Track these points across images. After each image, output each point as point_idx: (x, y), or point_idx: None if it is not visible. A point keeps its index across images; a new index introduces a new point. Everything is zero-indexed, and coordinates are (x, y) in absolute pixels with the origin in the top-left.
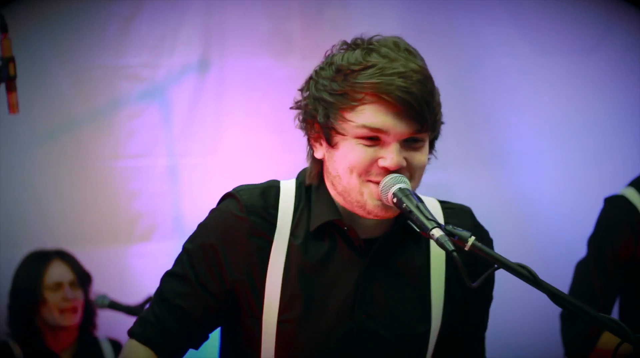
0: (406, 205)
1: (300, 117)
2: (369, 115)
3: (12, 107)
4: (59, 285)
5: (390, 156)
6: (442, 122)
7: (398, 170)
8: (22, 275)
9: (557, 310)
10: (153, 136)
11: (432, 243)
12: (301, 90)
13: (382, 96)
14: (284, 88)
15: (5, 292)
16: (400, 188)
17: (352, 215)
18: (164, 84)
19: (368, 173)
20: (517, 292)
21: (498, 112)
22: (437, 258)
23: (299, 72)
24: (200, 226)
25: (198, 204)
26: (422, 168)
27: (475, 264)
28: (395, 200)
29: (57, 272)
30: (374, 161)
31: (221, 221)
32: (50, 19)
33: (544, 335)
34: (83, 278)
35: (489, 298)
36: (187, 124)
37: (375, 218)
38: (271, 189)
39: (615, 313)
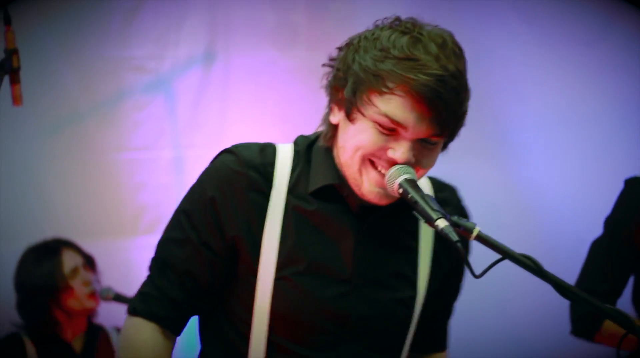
0: (412, 196)
1: (328, 78)
2: (394, 106)
3: (16, 100)
4: (75, 271)
5: (401, 150)
6: (462, 126)
7: (402, 164)
8: (36, 268)
9: (560, 304)
10: (158, 128)
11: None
12: (340, 49)
13: (413, 93)
14: (289, 80)
15: (8, 283)
16: (406, 179)
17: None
18: (169, 76)
19: (373, 156)
20: (520, 287)
21: (503, 104)
22: (427, 231)
23: (304, 64)
24: (195, 184)
25: None
26: (428, 167)
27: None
28: (401, 191)
29: (70, 258)
30: (383, 148)
31: (220, 175)
32: (54, 10)
33: (546, 330)
34: (89, 260)
35: (462, 277)
36: (192, 116)
37: (368, 201)
38: (269, 148)
39: (628, 296)
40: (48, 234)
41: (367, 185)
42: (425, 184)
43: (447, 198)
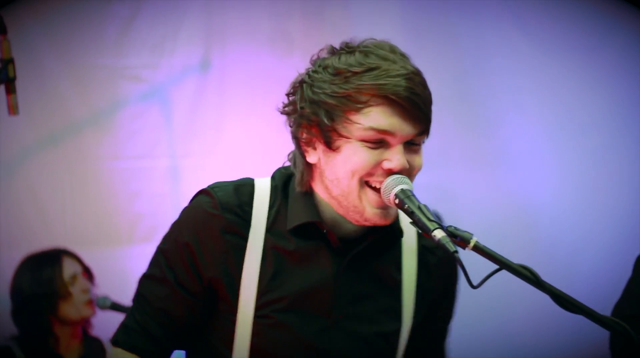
0: (408, 206)
1: (293, 121)
2: (375, 117)
3: (12, 109)
4: (74, 278)
5: (396, 157)
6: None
7: (399, 171)
8: (36, 274)
9: (556, 312)
10: (154, 137)
11: (404, 247)
12: (289, 95)
13: (389, 97)
14: (285, 88)
15: (4, 293)
16: (402, 189)
17: (335, 216)
18: (164, 84)
19: (370, 175)
20: (518, 295)
21: (498, 113)
22: (409, 260)
23: (300, 72)
24: (174, 224)
25: None
26: (419, 170)
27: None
28: (397, 201)
29: (70, 266)
30: (379, 163)
31: (195, 218)
32: (50, 19)
33: (542, 339)
34: (88, 270)
35: (454, 304)
36: (188, 124)
37: (372, 225)
38: (245, 186)
39: None
40: (45, 242)
41: (369, 209)
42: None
43: None
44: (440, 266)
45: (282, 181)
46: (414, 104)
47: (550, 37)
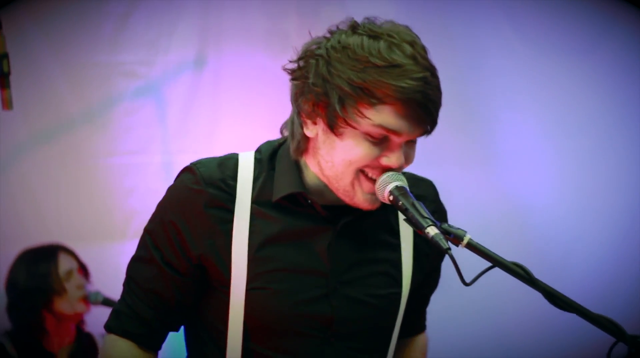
0: (402, 203)
1: (298, 89)
2: (387, 115)
3: (5, 104)
4: (70, 274)
5: (396, 156)
6: None
7: (395, 169)
8: (33, 268)
9: (549, 310)
10: (148, 134)
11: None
12: (300, 60)
13: (404, 99)
14: (280, 86)
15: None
16: (397, 186)
17: (321, 187)
18: (159, 81)
19: (366, 166)
20: (510, 293)
21: (493, 112)
22: (408, 227)
23: None
24: (159, 204)
25: None
26: (411, 162)
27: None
28: (391, 198)
29: (66, 261)
30: (377, 158)
31: (178, 196)
32: (46, 16)
33: (535, 337)
34: (84, 267)
35: (439, 271)
36: (182, 121)
37: (359, 208)
38: (229, 160)
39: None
40: (39, 238)
41: (360, 194)
42: None
43: (423, 193)
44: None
45: (269, 153)
46: (427, 110)
47: (545, 36)
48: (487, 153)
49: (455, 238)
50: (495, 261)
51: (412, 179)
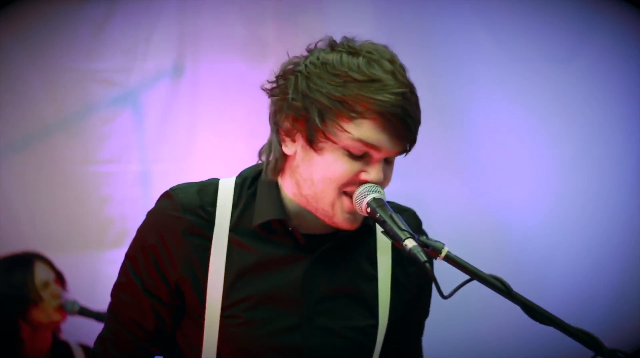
0: (380, 215)
1: (277, 107)
2: (367, 130)
3: None
4: (46, 284)
5: (374, 171)
6: None
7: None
8: (7, 278)
9: (527, 323)
10: (125, 142)
11: (379, 241)
12: (279, 78)
13: (383, 114)
14: (258, 94)
15: None
16: (374, 198)
17: (301, 212)
18: (137, 89)
19: (346, 185)
20: (488, 305)
21: (472, 121)
22: (384, 255)
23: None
24: (138, 230)
25: None
26: (390, 180)
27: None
28: (369, 210)
29: (43, 271)
30: (356, 174)
31: (156, 222)
32: (22, 21)
33: (519, 348)
34: (60, 275)
35: (429, 296)
36: (160, 129)
37: (339, 228)
38: (209, 186)
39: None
40: (14, 246)
41: (340, 214)
42: None
43: (407, 223)
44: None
45: (251, 178)
46: (406, 126)
47: (523, 43)
48: (463, 162)
49: (434, 250)
50: (474, 274)
51: (397, 208)
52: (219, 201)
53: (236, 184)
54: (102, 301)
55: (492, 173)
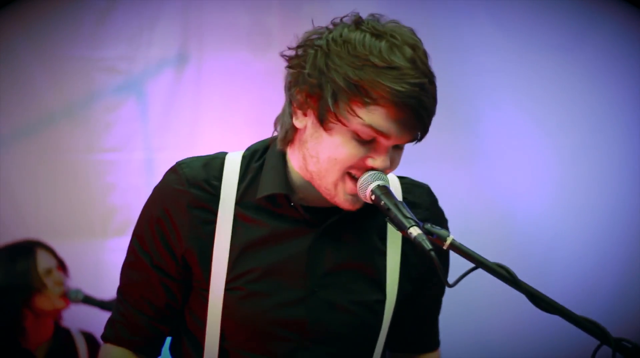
0: (384, 203)
1: (293, 78)
2: (378, 117)
3: None
4: (49, 271)
5: (381, 158)
6: None
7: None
8: (10, 266)
9: (536, 312)
10: (129, 130)
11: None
12: (299, 48)
13: (397, 102)
14: (263, 83)
15: None
16: (379, 185)
17: (307, 185)
18: (141, 77)
19: (351, 168)
20: (497, 293)
21: (476, 110)
22: (394, 231)
23: (278, 67)
24: (144, 206)
25: None
26: (396, 166)
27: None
28: (373, 197)
29: (45, 259)
30: (363, 158)
31: (162, 196)
32: (26, 10)
33: (524, 336)
34: (62, 263)
35: (442, 284)
36: (164, 118)
37: (340, 207)
38: (215, 160)
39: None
40: (18, 235)
41: (342, 194)
42: (394, 185)
43: (418, 201)
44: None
45: (260, 151)
46: (419, 117)
47: (529, 33)
48: (469, 151)
49: (438, 238)
50: (479, 263)
51: (408, 185)
52: (225, 175)
53: (244, 157)
54: (106, 289)
55: (497, 161)
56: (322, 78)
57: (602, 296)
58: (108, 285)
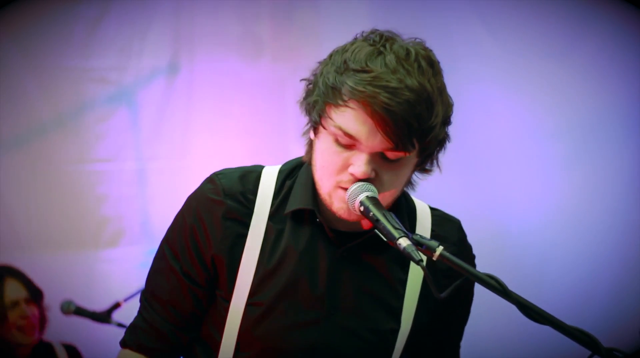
0: (373, 214)
1: (304, 94)
2: (347, 119)
3: None
4: (15, 303)
5: (357, 163)
6: (441, 142)
7: (367, 179)
8: None
9: (527, 323)
10: (121, 140)
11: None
12: (320, 63)
13: (365, 105)
14: (254, 91)
15: None
16: (367, 196)
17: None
18: (132, 87)
19: (339, 177)
20: (484, 304)
21: (469, 118)
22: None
23: (269, 75)
24: (177, 214)
25: (166, 209)
26: (393, 185)
27: (451, 275)
28: (362, 208)
29: (12, 290)
30: (345, 166)
31: (197, 204)
32: (17, 19)
33: (515, 347)
34: (35, 294)
35: (466, 312)
36: (155, 127)
37: (340, 218)
38: (252, 173)
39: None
40: (9, 245)
41: (337, 203)
42: (424, 215)
43: (447, 235)
44: (450, 275)
45: (292, 167)
46: (383, 120)
47: (520, 40)
48: (462, 160)
49: (428, 249)
50: (468, 273)
51: (439, 218)
52: (260, 189)
53: (280, 172)
54: (98, 300)
55: (490, 171)
56: (314, 85)
57: (595, 306)
58: (100, 296)
